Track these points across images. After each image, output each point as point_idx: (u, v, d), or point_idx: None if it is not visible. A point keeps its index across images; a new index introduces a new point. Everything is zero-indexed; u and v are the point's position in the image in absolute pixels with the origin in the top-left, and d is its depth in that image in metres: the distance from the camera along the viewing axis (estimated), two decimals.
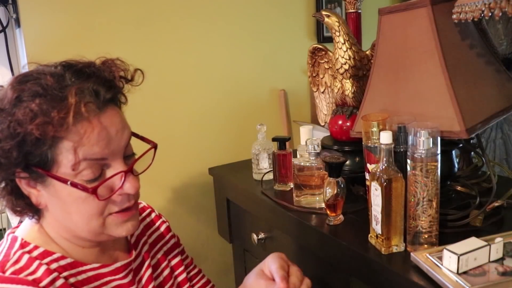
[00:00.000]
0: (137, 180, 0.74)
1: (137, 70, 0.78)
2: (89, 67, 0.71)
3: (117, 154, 0.71)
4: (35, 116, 0.63)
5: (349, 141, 1.21)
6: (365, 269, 0.91)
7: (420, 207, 0.83)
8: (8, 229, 0.78)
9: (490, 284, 0.72)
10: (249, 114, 1.82)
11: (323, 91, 1.35)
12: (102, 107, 0.69)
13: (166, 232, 0.95)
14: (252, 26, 1.80)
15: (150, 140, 0.78)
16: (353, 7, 1.25)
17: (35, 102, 0.64)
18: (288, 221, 1.14)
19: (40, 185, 0.70)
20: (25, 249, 0.71)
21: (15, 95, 0.65)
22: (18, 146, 0.65)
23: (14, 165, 0.67)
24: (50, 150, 0.66)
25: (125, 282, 0.79)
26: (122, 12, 1.55)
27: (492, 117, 0.92)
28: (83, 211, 0.70)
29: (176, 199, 1.74)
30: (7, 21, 1.53)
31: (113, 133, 0.69)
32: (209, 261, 1.82)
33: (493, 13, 0.78)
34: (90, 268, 0.75)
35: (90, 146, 0.67)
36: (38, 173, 0.68)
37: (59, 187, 0.68)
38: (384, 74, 1.02)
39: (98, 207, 0.70)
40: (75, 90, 0.66)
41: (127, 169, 0.71)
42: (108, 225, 0.73)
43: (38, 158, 0.66)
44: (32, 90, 0.65)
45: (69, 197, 0.69)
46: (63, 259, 0.73)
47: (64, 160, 0.66)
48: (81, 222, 0.71)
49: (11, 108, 0.65)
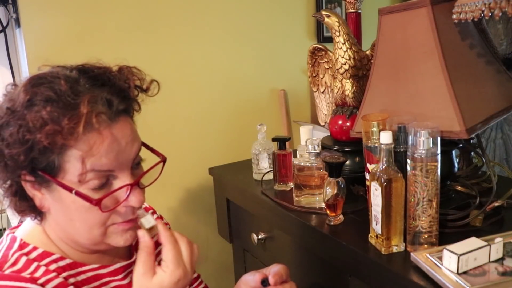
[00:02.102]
0: (143, 193, 0.73)
1: (153, 81, 0.76)
2: (105, 74, 0.70)
3: (125, 166, 0.70)
4: (45, 123, 0.63)
5: (349, 141, 1.21)
6: (365, 269, 0.91)
7: (420, 207, 0.83)
8: (8, 229, 0.78)
9: (490, 284, 0.72)
10: (249, 114, 1.82)
11: (323, 91, 1.35)
12: (114, 117, 0.67)
13: None
14: (252, 26, 1.80)
15: (160, 153, 0.77)
16: (353, 7, 1.25)
17: (46, 110, 0.63)
18: (288, 221, 1.14)
19: (44, 189, 0.69)
20: (24, 250, 0.71)
21: (27, 98, 0.65)
22: (25, 152, 0.64)
23: (20, 168, 0.66)
24: (57, 158, 0.65)
25: (125, 283, 0.79)
26: (122, 12, 1.55)
27: (492, 117, 0.92)
28: (86, 219, 0.69)
29: (176, 199, 1.74)
30: (7, 21, 1.53)
31: (123, 145, 0.68)
32: (209, 261, 1.82)
33: (493, 13, 0.78)
34: (89, 269, 0.75)
35: (99, 157, 0.66)
36: (44, 178, 0.67)
37: (64, 194, 0.68)
38: (384, 74, 1.02)
39: (101, 217, 0.69)
40: (88, 99, 0.65)
41: (133, 182, 0.70)
42: (109, 234, 0.72)
43: (45, 163, 0.66)
44: (45, 94, 0.64)
45: (73, 204, 0.68)
46: (62, 260, 0.73)
47: (71, 169, 0.66)
48: (82, 230, 0.71)
49: (22, 110, 0.64)
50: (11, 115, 0.65)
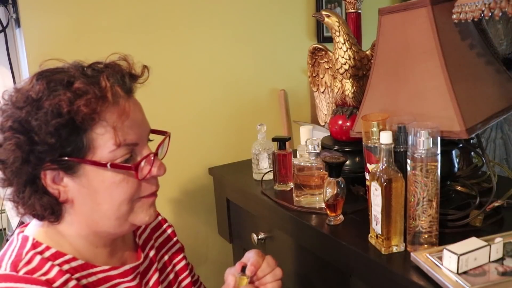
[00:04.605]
0: (163, 163, 0.76)
1: (145, 66, 0.79)
2: (103, 63, 0.73)
3: (144, 139, 0.74)
4: (80, 95, 0.65)
5: (349, 141, 1.21)
6: (365, 269, 0.91)
7: (420, 207, 0.83)
8: (11, 229, 0.77)
9: (490, 284, 0.72)
10: (249, 114, 1.82)
11: (323, 91, 1.35)
12: (128, 93, 0.72)
13: (172, 236, 0.96)
14: (252, 26, 1.80)
15: (163, 131, 0.81)
16: (353, 7, 1.25)
17: (75, 85, 0.65)
18: (288, 221, 1.14)
19: (68, 177, 0.69)
20: (37, 249, 0.71)
21: (45, 85, 0.66)
22: (59, 130, 0.65)
23: (50, 152, 0.66)
24: (86, 136, 0.67)
25: (133, 284, 0.79)
26: (122, 12, 1.55)
27: (492, 117, 0.92)
28: (115, 198, 0.71)
29: (176, 199, 1.74)
30: (7, 21, 1.53)
31: (141, 118, 0.74)
32: (209, 261, 1.82)
33: (493, 13, 0.78)
34: (100, 270, 0.75)
35: (127, 130, 0.69)
36: (69, 164, 0.68)
37: (92, 175, 0.69)
38: (384, 74, 1.02)
39: (131, 191, 0.72)
40: (106, 75, 0.68)
41: (155, 151, 0.74)
42: (135, 210, 0.74)
43: (73, 145, 0.67)
44: (63, 79, 0.67)
45: (102, 184, 0.69)
46: (74, 260, 0.73)
47: (102, 144, 0.67)
48: (110, 211, 0.72)
49: (47, 95, 0.65)
50: (34, 103, 0.65)
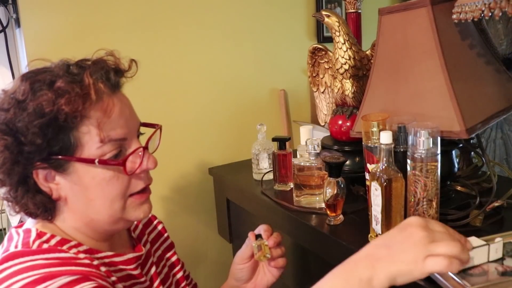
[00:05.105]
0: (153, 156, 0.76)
1: (132, 60, 0.79)
2: (90, 60, 0.73)
3: (133, 134, 0.74)
4: (62, 94, 0.65)
5: (349, 141, 1.21)
6: None
7: (420, 207, 0.83)
8: (10, 227, 0.77)
9: (490, 284, 0.72)
10: (249, 114, 1.82)
11: (323, 91, 1.35)
12: (113, 89, 0.72)
13: (163, 231, 0.97)
14: (252, 26, 1.80)
15: (154, 124, 0.81)
16: (353, 7, 1.25)
17: (56, 85, 0.66)
18: (288, 221, 1.14)
19: (59, 175, 0.70)
20: (43, 238, 0.71)
21: (29, 86, 0.67)
22: (43, 130, 0.65)
23: (38, 153, 0.67)
24: (73, 134, 0.67)
25: (137, 273, 0.80)
26: (122, 12, 1.55)
27: (492, 117, 0.92)
28: (106, 193, 0.71)
29: (176, 199, 1.74)
30: (7, 21, 1.53)
31: (129, 113, 0.73)
32: (208, 261, 1.82)
33: (493, 13, 0.78)
34: (104, 256, 0.76)
35: (113, 126, 0.69)
36: (59, 162, 0.68)
37: (82, 172, 0.69)
38: (384, 74, 1.02)
39: (121, 187, 0.72)
40: (89, 72, 0.69)
41: (145, 145, 0.74)
42: (128, 207, 0.74)
43: (60, 143, 0.67)
44: (47, 79, 0.67)
45: (93, 180, 0.70)
46: (81, 245, 0.73)
47: (89, 141, 0.68)
48: (103, 207, 0.72)
49: (31, 96, 0.66)
50: (19, 104, 0.66)
